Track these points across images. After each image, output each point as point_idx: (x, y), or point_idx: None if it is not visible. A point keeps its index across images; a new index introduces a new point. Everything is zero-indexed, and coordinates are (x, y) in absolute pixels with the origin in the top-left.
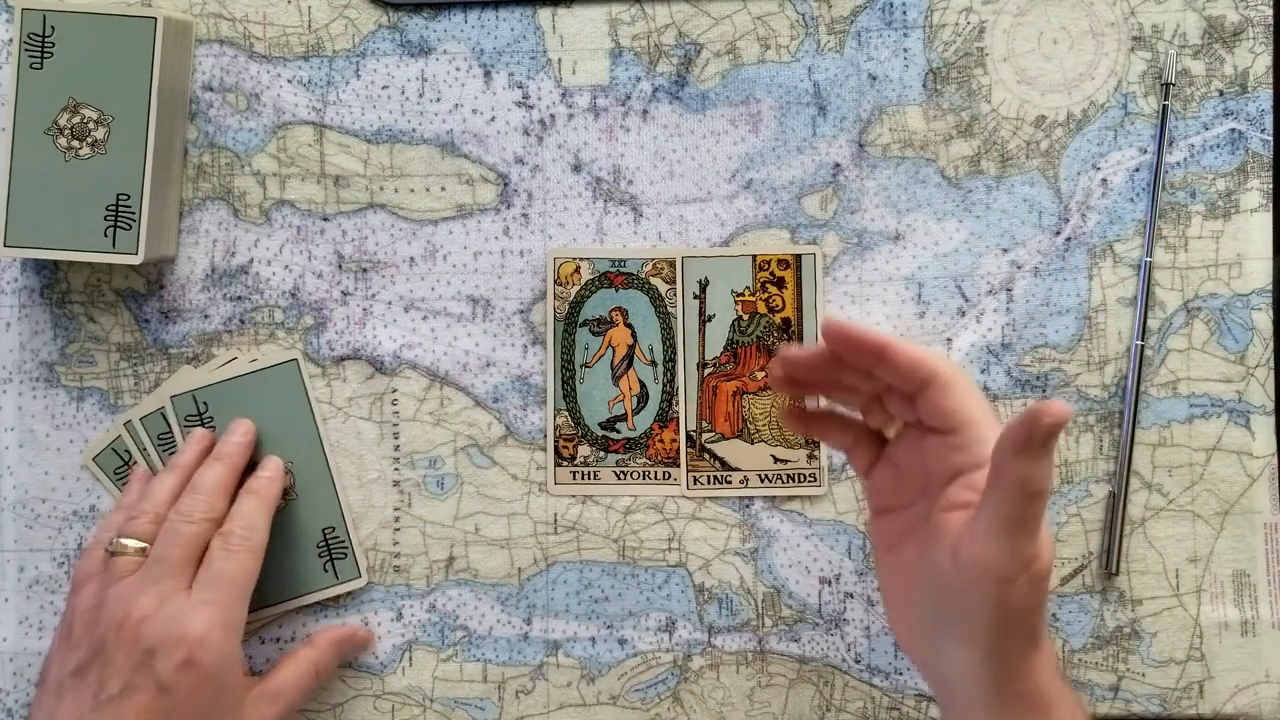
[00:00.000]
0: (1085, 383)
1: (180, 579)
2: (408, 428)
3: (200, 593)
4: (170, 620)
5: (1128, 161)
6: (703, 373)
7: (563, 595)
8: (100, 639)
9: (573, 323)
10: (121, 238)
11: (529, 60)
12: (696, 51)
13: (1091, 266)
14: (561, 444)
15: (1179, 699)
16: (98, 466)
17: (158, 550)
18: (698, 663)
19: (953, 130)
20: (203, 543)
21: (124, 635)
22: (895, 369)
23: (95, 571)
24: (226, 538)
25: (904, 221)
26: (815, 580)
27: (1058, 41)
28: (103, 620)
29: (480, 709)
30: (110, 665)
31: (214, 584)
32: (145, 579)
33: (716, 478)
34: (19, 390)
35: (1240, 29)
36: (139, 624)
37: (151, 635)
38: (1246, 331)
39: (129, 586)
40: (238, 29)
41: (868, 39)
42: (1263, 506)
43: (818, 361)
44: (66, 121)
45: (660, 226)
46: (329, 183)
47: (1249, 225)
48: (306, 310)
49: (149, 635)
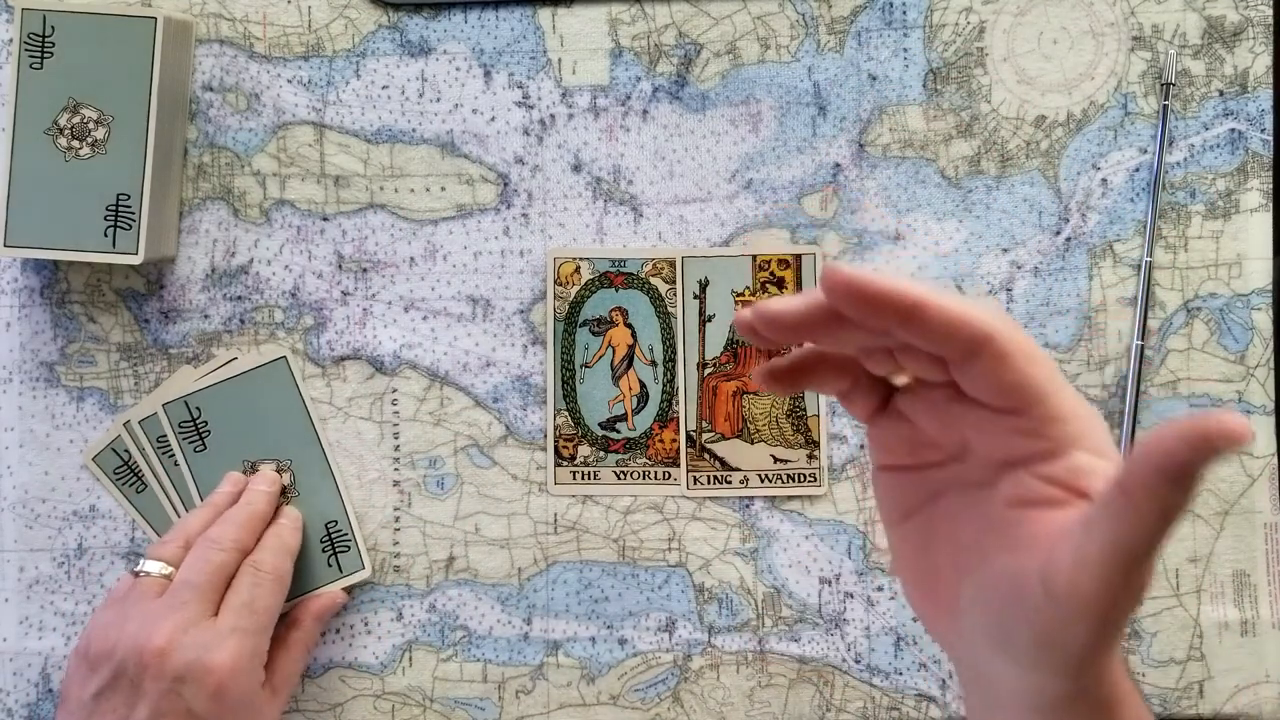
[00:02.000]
0: (1085, 383)
1: (206, 605)
2: (408, 428)
3: (229, 620)
4: (199, 648)
5: (1128, 161)
6: (703, 373)
7: (563, 595)
8: (121, 662)
9: (573, 323)
10: (121, 238)
11: (529, 60)
12: (696, 51)
13: (1091, 266)
14: (561, 444)
15: (1179, 699)
16: (98, 466)
17: (184, 574)
18: (698, 663)
19: (953, 130)
20: (229, 572)
21: (148, 660)
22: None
23: (121, 595)
24: (257, 566)
25: (904, 221)
26: (815, 580)
27: (1058, 41)
28: (124, 642)
29: (480, 709)
30: (137, 691)
31: (244, 612)
32: (170, 603)
33: (716, 478)
34: (19, 390)
35: (1240, 29)
36: (164, 650)
37: (180, 662)
38: (1246, 331)
39: (153, 610)
40: (238, 29)
41: (868, 39)
42: (1263, 506)
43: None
44: (66, 121)
45: (660, 226)
46: (329, 183)
47: (1249, 225)
48: (306, 310)
49: (177, 662)
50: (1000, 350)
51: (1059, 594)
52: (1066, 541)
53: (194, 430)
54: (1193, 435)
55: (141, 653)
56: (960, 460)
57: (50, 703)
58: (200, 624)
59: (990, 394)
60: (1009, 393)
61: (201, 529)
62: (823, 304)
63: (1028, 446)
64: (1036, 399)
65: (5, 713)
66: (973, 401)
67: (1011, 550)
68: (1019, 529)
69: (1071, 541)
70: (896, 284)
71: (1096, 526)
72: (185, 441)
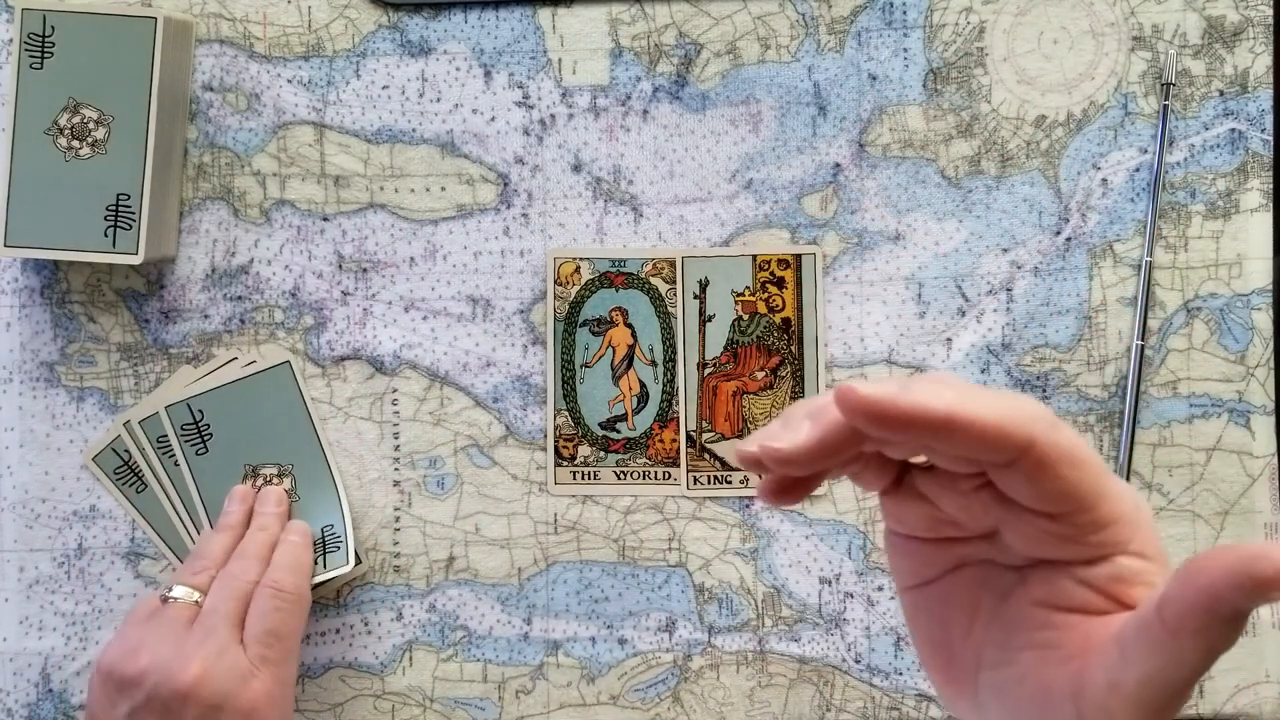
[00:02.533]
0: (1085, 383)
1: (235, 632)
2: (408, 428)
3: (258, 649)
4: (232, 677)
5: (1128, 161)
6: (703, 373)
7: (563, 595)
8: (155, 687)
9: (573, 323)
10: (121, 238)
11: (529, 60)
12: (696, 51)
13: (1091, 266)
14: (561, 444)
15: None
16: (98, 466)
17: (212, 601)
18: (698, 663)
19: (953, 130)
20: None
21: (183, 688)
22: (964, 446)
23: (147, 616)
24: (278, 587)
25: (904, 221)
26: (815, 580)
27: (1058, 41)
28: (158, 668)
29: (480, 709)
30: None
31: (270, 640)
32: (201, 632)
33: (716, 478)
34: (19, 390)
35: (1240, 29)
36: (199, 679)
37: (214, 691)
38: (1246, 331)
39: (185, 638)
40: (238, 29)
41: (868, 39)
42: (1263, 506)
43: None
44: (66, 121)
45: (660, 226)
46: (329, 183)
47: (1249, 225)
48: (306, 310)
49: (211, 691)
50: (1041, 457)
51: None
52: (1101, 661)
53: (196, 433)
54: (1242, 576)
55: (175, 682)
56: (987, 541)
57: (50, 703)
58: (231, 652)
59: (1029, 499)
60: (1050, 500)
61: (222, 554)
62: (837, 426)
63: (1068, 551)
64: (1080, 507)
65: (5, 713)
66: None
67: (1039, 652)
68: (1049, 633)
69: (1106, 663)
70: (922, 400)
71: (1134, 654)
72: (187, 444)
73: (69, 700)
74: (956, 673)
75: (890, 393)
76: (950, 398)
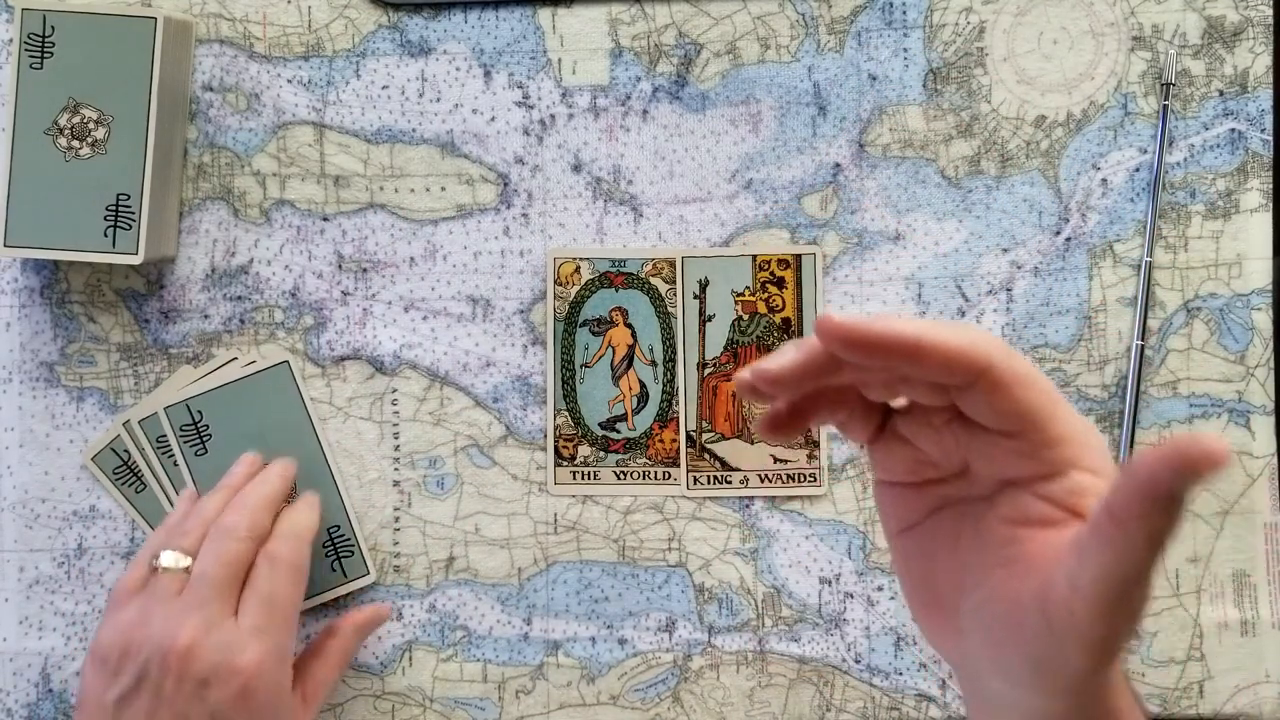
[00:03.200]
0: (1085, 383)
1: (226, 602)
2: (408, 428)
3: (250, 619)
4: (222, 648)
5: (1128, 161)
6: (703, 373)
7: (563, 595)
8: (144, 664)
9: (573, 323)
10: (121, 238)
11: (529, 60)
12: (696, 51)
13: (1091, 266)
14: (561, 444)
15: (1179, 699)
16: (97, 466)
17: (200, 567)
18: (698, 663)
19: (953, 130)
20: (246, 561)
21: (171, 663)
22: (930, 367)
23: (136, 589)
24: (273, 557)
25: (904, 221)
26: (815, 580)
27: (1058, 41)
28: (147, 644)
29: (480, 709)
30: (159, 696)
31: (263, 609)
32: (190, 601)
33: (716, 478)
34: (19, 390)
35: (1240, 29)
36: (187, 651)
37: (203, 665)
38: (1246, 331)
39: (174, 609)
40: (238, 29)
41: (868, 39)
42: (1263, 506)
43: (808, 369)
44: (66, 121)
45: (660, 226)
46: (329, 183)
47: (1249, 225)
48: (306, 310)
49: (200, 664)
50: (998, 378)
51: (1055, 622)
52: (1061, 566)
53: (195, 433)
54: (1175, 459)
55: (165, 655)
56: (961, 477)
57: (50, 703)
58: (223, 623)
59: (989, 419)
60: (1007, 418)
61: (216, 515)
62: (818, 352)
63: (1027, 468)
64: (1034, 424)
65: (5, 713)
66: (972, 423)
67: (1008, 568)
68: (1016, 548)
69: (1066, 568)
70: (891, 324)
71: (1088, 553)
72: (186, 444)
73: (69, 700)
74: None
75: (864, 319)
76: (918, 324)
